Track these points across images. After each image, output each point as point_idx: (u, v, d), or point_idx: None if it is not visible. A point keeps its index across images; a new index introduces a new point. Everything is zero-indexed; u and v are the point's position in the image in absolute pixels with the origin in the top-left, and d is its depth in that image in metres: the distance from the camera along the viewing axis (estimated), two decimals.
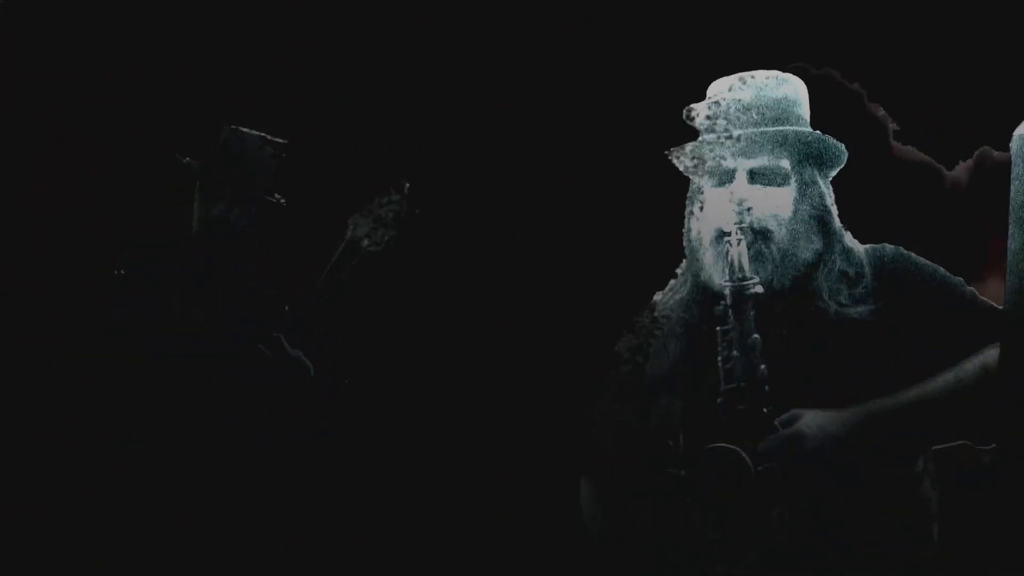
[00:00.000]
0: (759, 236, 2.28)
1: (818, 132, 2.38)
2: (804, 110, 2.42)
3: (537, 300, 4.52)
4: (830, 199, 2.40)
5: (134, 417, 3.08)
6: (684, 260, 2.44)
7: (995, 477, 2.10)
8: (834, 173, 2.43)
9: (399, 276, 3.78)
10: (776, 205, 2.32)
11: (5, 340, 4.08)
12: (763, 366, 2.19)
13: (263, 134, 3.20)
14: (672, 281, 2.48)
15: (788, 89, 2.40)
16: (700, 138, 2.37)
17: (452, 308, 4.58)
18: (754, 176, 2.32)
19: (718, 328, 2.23)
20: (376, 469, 4.46)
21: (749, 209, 2.24)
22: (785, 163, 2.33)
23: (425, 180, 3.25)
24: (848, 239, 2.40)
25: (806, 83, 2.48)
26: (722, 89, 2.38)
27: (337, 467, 3.54)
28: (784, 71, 2.46)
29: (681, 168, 2.43)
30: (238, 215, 3.10)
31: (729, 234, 2.23)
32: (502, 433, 4.53)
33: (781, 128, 2.34)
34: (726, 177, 2.33)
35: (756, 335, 2.20)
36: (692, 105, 2.33)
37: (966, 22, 4.17)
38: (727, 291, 2.23)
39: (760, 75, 2.40)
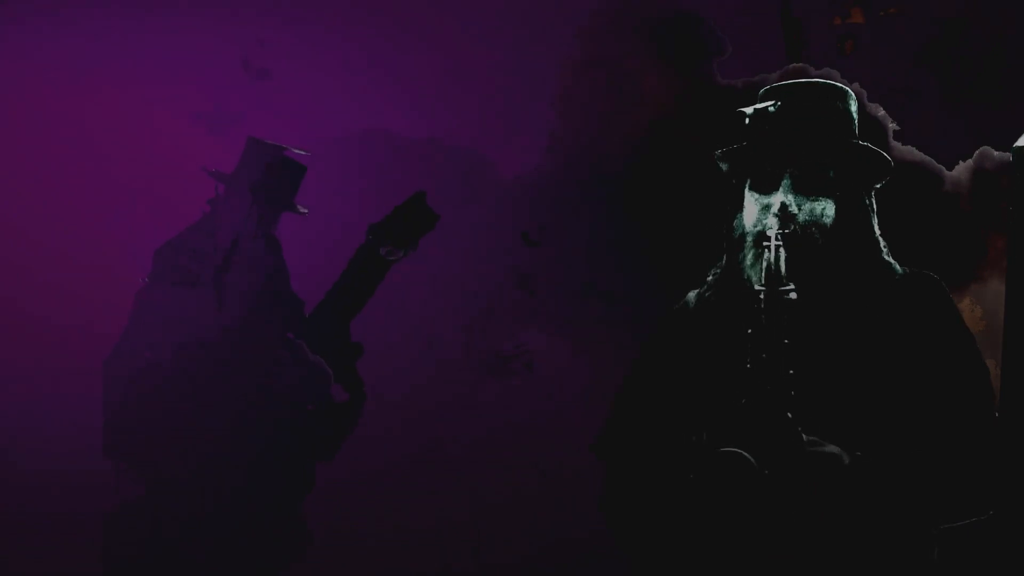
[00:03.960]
0: (799, 243, 2.26)
1: (866, 143, 2.36)
2: (854, 122, 2.40)
3: (570, 295, 4.53)
4: (872, 211, 2.38)
5: (157, 419, 3.09)
6: (722, 261, 2.42)
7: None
8: (879, 185, 2.41)
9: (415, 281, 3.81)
10: (818, 213, 2.29)
11: (33, 346, 4.09)
12: (791, 371, 2.19)
13: (285, 146, 3.22)
14: (708, 280, 2.47)
15: (839, 100, 2.37)
16: (747, 142, 2.36)
17: (464, 310, 4.60)
18: (798, 183, 2.30)
19: (749, 330, 2.22)
20: (385, 469, 4.49)
21: (793, 215, 2.25)
22: (830, 172, 2.33)
23: (441, 189, 3.27)
24: (887, 254, 2.38)
25: None
26: (774, 96, 2.36)
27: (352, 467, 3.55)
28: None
29: (726, 171, 2.43)
30: (261, 224, 3.11)
31: (769, 239, 2.23)
32: (526, 427, 4.55)
33: (828, 137, 2.32)
34: (771, 182, 2.34)
35: (787, 340, 2.20)
36: (742, 109, 2.32)
37: (966, 22, 4.20)
38: (762, 295, 2.22)
39: (812, 85, 2.38)
